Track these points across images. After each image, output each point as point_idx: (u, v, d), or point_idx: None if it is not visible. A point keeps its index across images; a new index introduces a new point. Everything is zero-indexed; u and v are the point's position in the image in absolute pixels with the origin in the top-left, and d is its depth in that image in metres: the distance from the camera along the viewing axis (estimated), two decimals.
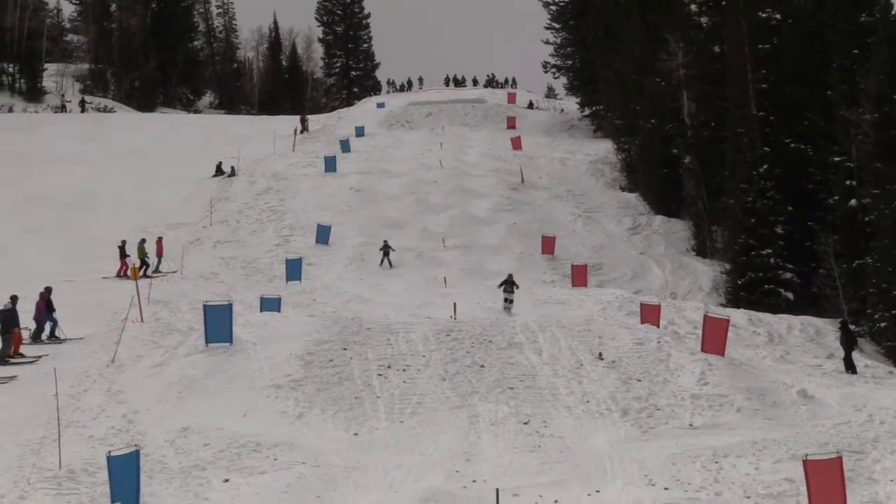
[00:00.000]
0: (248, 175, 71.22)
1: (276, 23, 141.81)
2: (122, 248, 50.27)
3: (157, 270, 50.90)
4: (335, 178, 69.82)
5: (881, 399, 30.46)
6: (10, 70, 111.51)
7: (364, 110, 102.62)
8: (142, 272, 47.13)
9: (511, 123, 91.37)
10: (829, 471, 22.28)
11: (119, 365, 32.50)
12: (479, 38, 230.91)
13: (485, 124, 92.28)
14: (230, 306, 34.59)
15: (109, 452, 23.00)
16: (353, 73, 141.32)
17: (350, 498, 23.25)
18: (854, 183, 50.32)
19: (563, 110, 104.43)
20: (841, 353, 37.70)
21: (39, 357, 34.87)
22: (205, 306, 34.53)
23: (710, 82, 64.13)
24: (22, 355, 35.16)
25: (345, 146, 79.16)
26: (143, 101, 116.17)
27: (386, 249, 53.68)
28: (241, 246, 56.35)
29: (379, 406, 29.23)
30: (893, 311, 44.07)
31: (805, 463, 22.51)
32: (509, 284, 44.79)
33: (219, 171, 72.02)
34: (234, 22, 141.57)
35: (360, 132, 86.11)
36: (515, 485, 23.49)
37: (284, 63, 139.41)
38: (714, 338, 34.09)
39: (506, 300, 44.44)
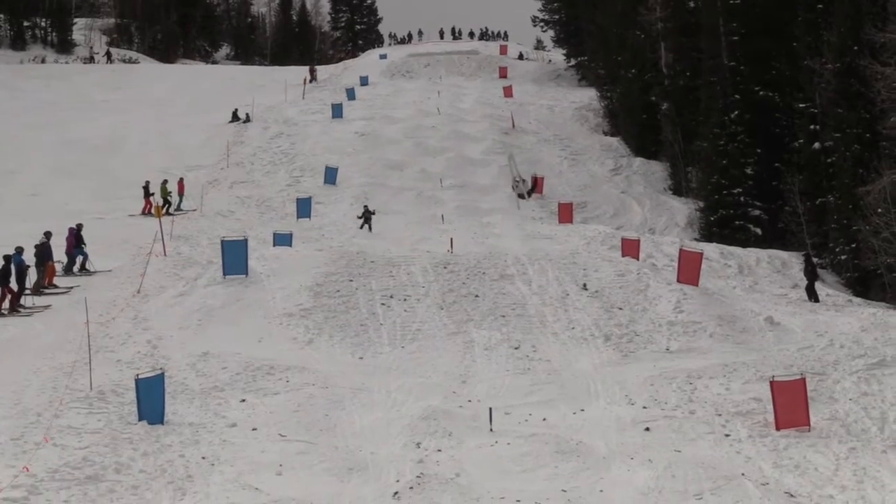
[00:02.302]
0: (262, 121, 71.01)
1: None
2: (146, 188, 50.12)
3: (178, 208, 50.74)
4: (341, 124, 69.62)
5: (841, 325, 30.48)
6: (42, 24, 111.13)
7: (368, 61, 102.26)
8: (164, 210, 46.95)
9: (503, 73, 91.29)
10: (793, 391, 22.30)
11: (144, 295, 32.46)
12: None
13: (478, 74, 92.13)
14: (246, 241, 34.57)
15: (137, 375, 23.05)
16: (358, 26, 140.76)
17: (356, 416, 23.28)
18: (817, 127, 50.36)
19: (550, 61, 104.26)
20: (804, 283, 37.72)
21: (71, 288, 34.85)
22: (222, 241, 34.49)
23: (686, 35, 63.85)
24: (55, 286, 35.18)
25: (350, 94, 78.89)
26: (165, 53, 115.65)
27: (367, 215, 47.89)
28: (256, 186, 56.22)
29: (382, 333, 29.22)
30: (852, 245, 44.09)
31: (772, 384, 22.52)
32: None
33: (235, 117, 71.74)
34: None
35: (364, 82, 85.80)
36: (507, 404, 23.54)
37: (294, 17, 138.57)
38: (689, 269, 34.11)
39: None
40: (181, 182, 52.98)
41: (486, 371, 26.43)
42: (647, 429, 21.96)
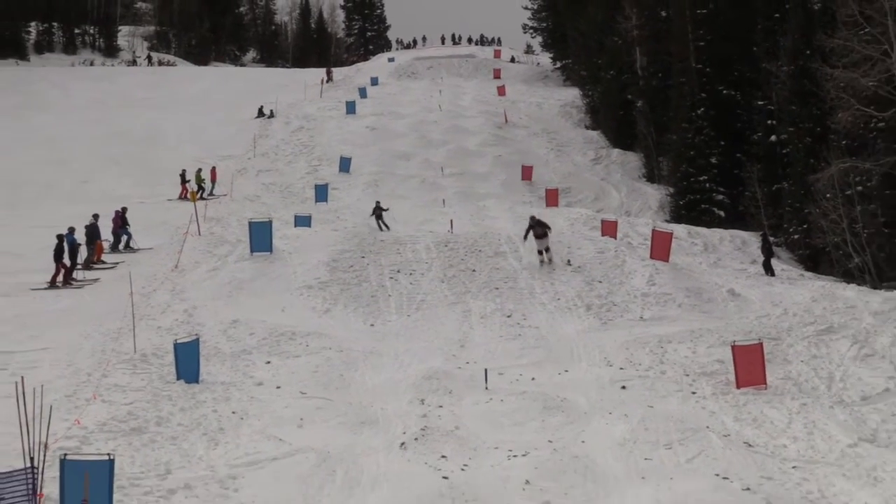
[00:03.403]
0: (284, 117, 70.85)
1: None
2: (182, 176, 50.12)
3: (211, 194, 50.68)
4: (355, 119, 69.44)
5: (794, 296, 30.49)
6: (91, 31, 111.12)
7: (378, 64, 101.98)
8: (199, 195, 46.89)
9: (497, 74, 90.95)
10: (751, 354, 22.33)
11: (181, 270, 32.47)
12: (472, 3, 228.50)
13: (475, 75, 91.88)
14: (270, 222, 34.57)
15: (175, 340, 23.12)
16: (369, 33, 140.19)
17: (367, 376, 23.33)
18: (774, 122, 50.39)
19: (538, 64, 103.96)
20: (762, 259, 37.73)
21: (117, 263, 34.87)
22: (250, 222, 34.50)
23: (658, 41, 63.84)
24: (103, 262, 35.22)
25: (362, 93, 78.58)
26: (199, 56, 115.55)
27: (378, 212, 43.60)
28: (279, 174, 56.11)
29: (390, 303, 29.25)
30: (804, 226, 44.20)
31: (733, 347, 22.55)
32: (539, 227, 32.43)
33: (260, 113, 71.60)
34: None
35: (374, 82, 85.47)
36: (500, 366, 23.59)
37: (313, 25, 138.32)
38: (660, 247, 34.11)
39: (541, 253, 32.50)
40: (213, 170, 52.94)
41: (481, 336, 26.48)
42: (624, 387, 22.00)
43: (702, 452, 18.25)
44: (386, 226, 42.54)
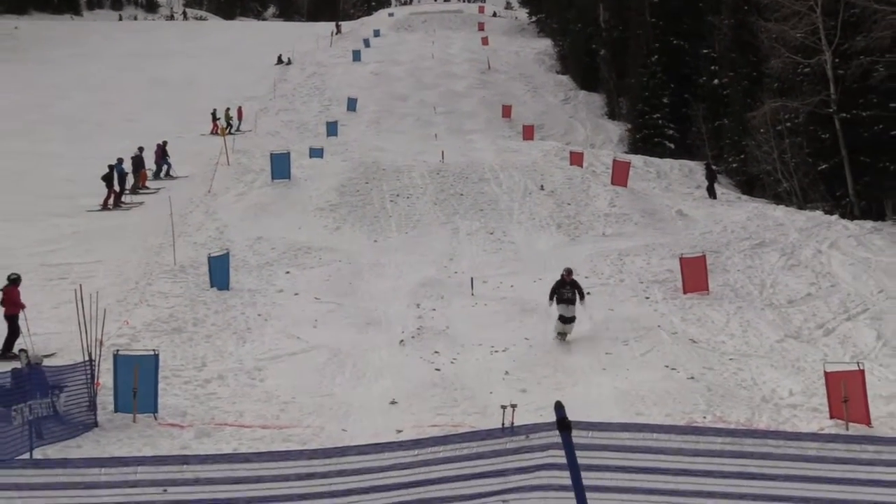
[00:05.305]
0: (300, 64, 70.08)
1: None
2: (213, 114, 49.48)
3: (238, 129, 50.12)
4: (360, 66, 68.67)
5: (732, 216, 30.39)
6: None
7: (379, 19, 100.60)
8: (228, 131, 46.39)
9: (481, 27, 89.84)
10: (696, 264, 22.32)
11: (213, 194, 32.16)
12: None
13: (462, 28, 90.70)
14: (289, 154, 34.23)
15: (209, 253, 23.01)
16: None
17: (372, 284, 23.28)
18: (716, 68, 50.04)
19: (517, 18, 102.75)
20: (705, 184, 37.55)
21: (159, 189, 34.52)
22: (271, 154, 34.18)
23: None
24: (147, 188, 34.91)
25: (366, 43, 77.60)
26: (227, 12, 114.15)
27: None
28: (296, 112, 55.58)
29: (391, 222, 29.07)
30: (741, 156, 44.16)
31: (681, 259, 22.52)
32: (569, 289, 19.00)
33: (279, 60, 70.75)
34: None
35: (376, 34, 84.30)
36: (484, 275, 23.52)
37: None
38: (619, 174, 33.94)
39: (560, 322, 18.86)
40: (240, 109, 52.38)
41: (468, 250, 26.36)
42: (589, 293, 21.92)
43: (654, 348, 18.29)
44: None
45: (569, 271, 19.47)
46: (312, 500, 3.79)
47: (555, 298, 18.98)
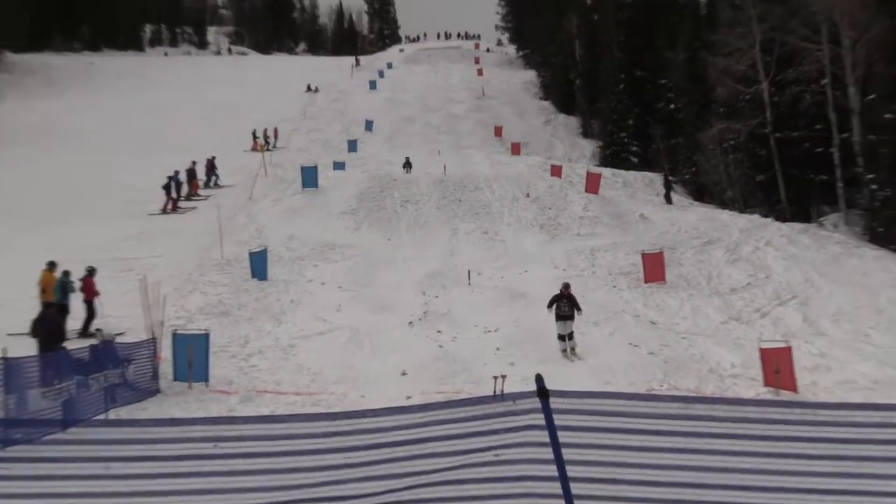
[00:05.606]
0: (325, 91, 69.94)
1: (340, 3, 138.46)
2: (253, 133, 49.57)
3: (274, 146, 50.12)
4: (375, 93, 68.55)
5: (686, 219, 30.35)
6: (188, 30, 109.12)
7: (391, 54, 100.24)
8: (265, 147, 46.39)
9: (476, 61, 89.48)
10: (655, 258, 22.31)
11: (254, 200, 32.14)
12: (460, 8, 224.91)
13: (461, 61, 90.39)
14: (316, 167, 34.16)
15: (249, 250, 23.00)
16: (385, 31, 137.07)
17: (386, 275, 23.24)
18: (672, 95, 49.94)
19: (506, 53, 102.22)
20: (663, 192, 37.49)
21: (208, 196, 34.53)
22: (302, 167, 34.12)
23: (592, 37, 62.83)
24: (199, 195, 34.86)
25: (381, 74, 77.46)
26: (264, 48, 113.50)
27: (408, 163, 40.75)
28: (322, 132, 55.50)
29: (401, 224, 29.03)
30: (693, 169, 44.09)
31: (642, 255, 22.51)
32: (566, 303, 16.96)
33: (308, 88, 70.63)
34: (316, 2, 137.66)
35: (389, 66, 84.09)
36: (479, 268, 23.49)
37: (345, 26, 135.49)
38: (592, 184, 33.90)
39: (563, 338, 16.80)
40: (276, 129, 52.36)
41: (465, 247, 26.33)
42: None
43: (619, 328, 18.28)
44: (409, 170, 42.11)
45: (566, 286, 17.37)
46: (336, 453, 3.82)
47: (553, 309, 16.90)
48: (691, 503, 3.76)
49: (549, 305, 17.15)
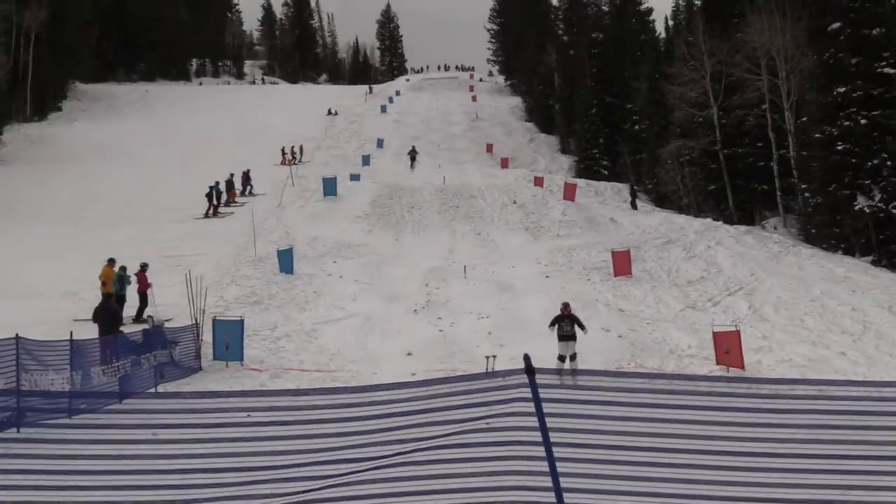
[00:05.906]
0: (344, 114, 69.79)
1: (357, 40, 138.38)
2: (282, 150, 49.43)
3: (300, 161, 50.03)
4: (386, 116, 68.42)
5: (649, 221, 30.35)
6: (228, 63, 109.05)
7: (399, 83, 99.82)
8: (293, 162, 46.31)
9: (471, 89, 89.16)
10: (623, 256, 22.26)
11: (283, 206, 32.12)
12: (458, 43, 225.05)
13: (458, 89, 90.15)
14: (336, 178, 34.18)
15: (278, 248, 22.94)
16: (394, 64, 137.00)
17: (394, 270, 23.18)
18: (636, 118, 50.06)
19: (497, 82, 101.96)
20: (629, 200, 37.46)
21: (244, 203, 34.41)
22: (323, 178, 34.10)
23: (568, 68, 62.67)
24: (236, 202, 34.75)
25: (390, 100, 77.12)
26: (292, 78, 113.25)
27: (413, 154, 44.68)
28: (340, 149, 55.40)
29: (408, 227, 28.99)
30: (655, 180, 44.27)
31: (612, 253, 22.45)
32: (568, 322, 13.98)
33: (329, 112, 70.42)
34: (336, 39, 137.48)
35: (397, 93, 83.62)
36: (473, 264, 23.43)
37: (361, 59, 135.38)
38: (569, 192, 33.91)
39: (563, 359, 13.69)
40: (301, 147, 52.19)
41: (462, 246, 26.27)
42: (547, 276, 21.92)
43: (593, 315, 18.21)
44: (414, 164, 42.01)
45: (566, 305, 14.41)
46: (352, 421, 3.80)
47: (556, 328, 14.07)
48: (653, 464, 3.75)
49: (551, 325, 14.15)
